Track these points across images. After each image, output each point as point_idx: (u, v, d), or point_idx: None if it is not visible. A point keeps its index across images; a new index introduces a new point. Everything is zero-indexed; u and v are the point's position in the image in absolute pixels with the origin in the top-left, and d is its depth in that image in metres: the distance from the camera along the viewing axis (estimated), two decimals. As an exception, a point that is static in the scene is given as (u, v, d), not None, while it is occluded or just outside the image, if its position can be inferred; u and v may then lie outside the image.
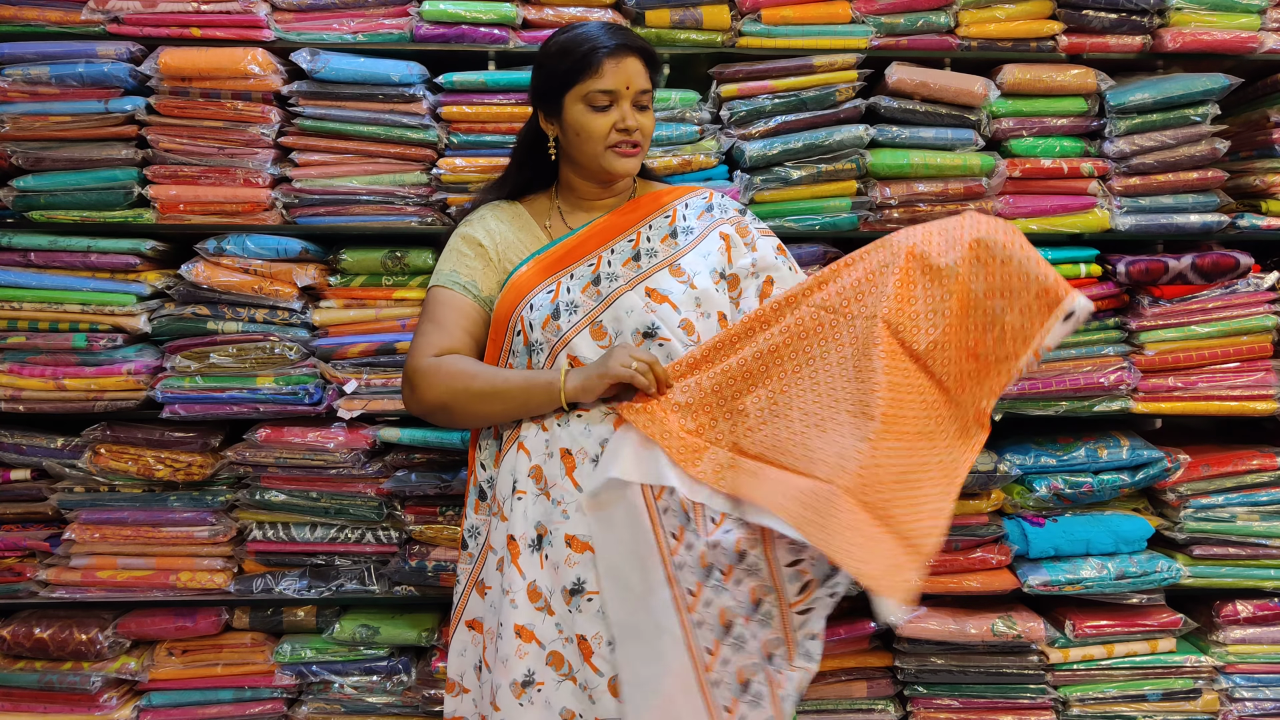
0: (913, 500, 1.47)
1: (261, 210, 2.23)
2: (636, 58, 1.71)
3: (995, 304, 1.50)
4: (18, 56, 2.15)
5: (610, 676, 1.61)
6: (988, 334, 1.51)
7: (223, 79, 2.16)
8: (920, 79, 2.24)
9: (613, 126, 1.71)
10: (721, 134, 2.29)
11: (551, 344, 1.68)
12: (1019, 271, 1.49)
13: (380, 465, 2.30)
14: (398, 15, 2.25)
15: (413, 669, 2.33)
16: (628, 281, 1.72)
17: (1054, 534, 2.29)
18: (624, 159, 1.73)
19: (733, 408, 1.64)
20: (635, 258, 1.76)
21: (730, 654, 1.60)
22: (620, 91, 1.70)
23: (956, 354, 1.54)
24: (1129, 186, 2.30)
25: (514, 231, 1.81)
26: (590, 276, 1.73)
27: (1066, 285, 1.45)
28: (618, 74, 1.69)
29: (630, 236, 1.78)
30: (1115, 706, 2.34)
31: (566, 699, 1.63)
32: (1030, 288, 1.47)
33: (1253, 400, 2.32)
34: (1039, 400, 2.31)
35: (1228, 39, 2.28)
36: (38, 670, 2.26)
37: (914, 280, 1.56)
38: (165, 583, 2.27)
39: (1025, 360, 1.47)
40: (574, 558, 1.63)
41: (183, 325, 2.24)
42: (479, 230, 1.81)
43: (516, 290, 1.74)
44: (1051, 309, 1.46)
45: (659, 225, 1.80)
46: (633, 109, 1.71)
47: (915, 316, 1.55)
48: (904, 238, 1.60)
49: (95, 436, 2.25)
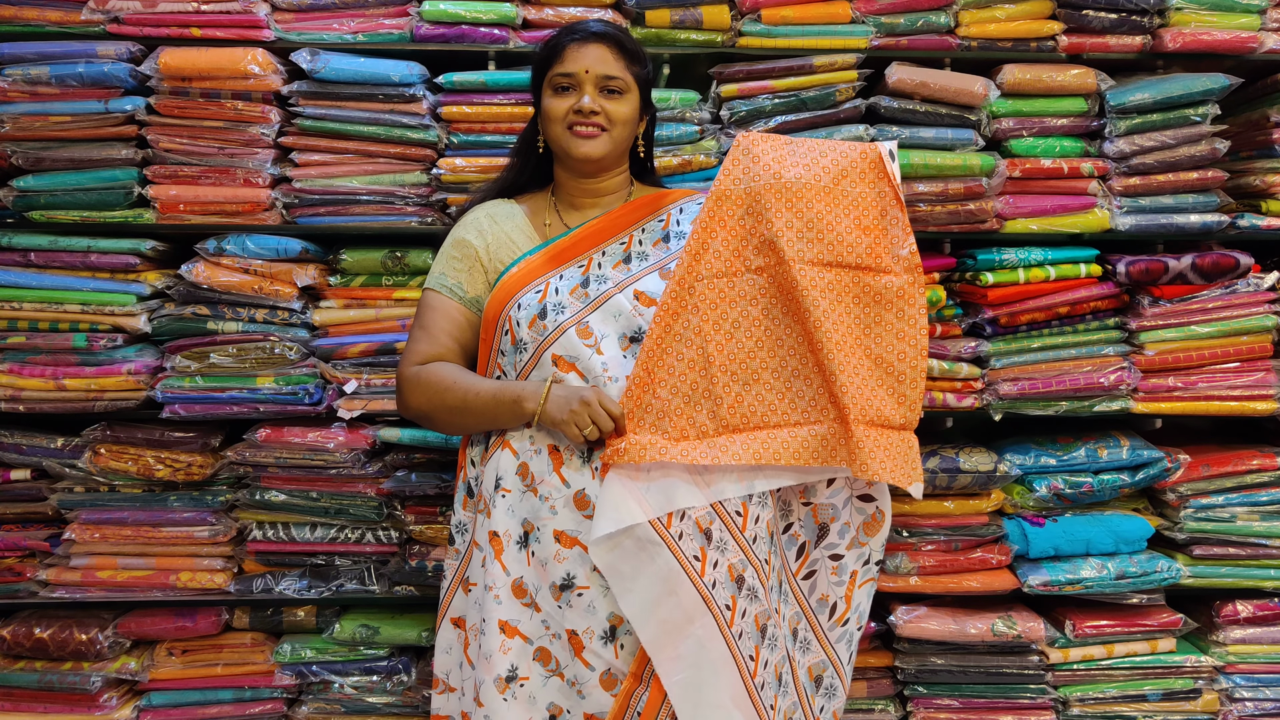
0: (893, 381, 1.69)
1: (261, 210, 2.23)
2: (601, 44, 1.75)
3: (844, 185, 1.71)
4: (18, 56, 2.15)
5: (602, 671, 1.61)
6: (856, 208, 1.71)
7: (223, 79, 2.16)
8: (920, 79, 2.24)
9: (571, 108, 1.74)
10: (721, 134, 2.29)
11: (537, 344, 1.69)
12: (837, 153, 1.73)
13: (380, 465, 2.30)
14: (398, 15, 2.25)
15: (413, 669, 2.33)
16: (616, 284, 1.73)
17: (1054, 534, 2.29)
18: (581, 140, 1.76)
19: (703, 396, 1.67)
20: (626, 260, 1.77)
21: (769, 654, 1.66)
22: (579, 75, 1.73)
23: (848, 236, 1.68)
24: (1129, 186, 2.30)
25: (509, 230, 1.82)
26: (580, 278, 1.74)
27: (870, 146, 1.74)
28: (578, 58, 1.74)
29: (622, 239, 1.79)
30: (1115, 706, 2.34)
31: (554, 695, 1.64)
32: (856, 163, 1.73)
33: (1253, 400, 2.32)
34: (1039, 400, 2.31)
35: (1228, 39, 2.28)
36: (38, 670, 2.26)
37: (776, 207, 1.69)
38: (165, 583, 2.27)
39: (893, 205, 1.72)
40: (563, 553, 1.64)
41: (183, 325, 2.24)
42: (470, 231, 1.82)
43: (506, 290, 1.75)
44: (878, 164, 1.73)
45: (652, 228, 1.81)
46: (598, 94, 1.75)
47: (798, 232, 1.69)
48: (737, 185, 1.73)
49: (95, 436, 2.25)
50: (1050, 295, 2.28)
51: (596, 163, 1.79)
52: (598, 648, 1.62)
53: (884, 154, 1.74)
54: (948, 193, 2.27)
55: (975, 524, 2.30)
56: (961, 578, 2.30)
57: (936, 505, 2.29)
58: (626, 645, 1.63)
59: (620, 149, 1.82)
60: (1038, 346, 2.31)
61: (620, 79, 1.76)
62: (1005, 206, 2.30)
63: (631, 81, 1.78)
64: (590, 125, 1.74)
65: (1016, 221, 2.30)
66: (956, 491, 2.30)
